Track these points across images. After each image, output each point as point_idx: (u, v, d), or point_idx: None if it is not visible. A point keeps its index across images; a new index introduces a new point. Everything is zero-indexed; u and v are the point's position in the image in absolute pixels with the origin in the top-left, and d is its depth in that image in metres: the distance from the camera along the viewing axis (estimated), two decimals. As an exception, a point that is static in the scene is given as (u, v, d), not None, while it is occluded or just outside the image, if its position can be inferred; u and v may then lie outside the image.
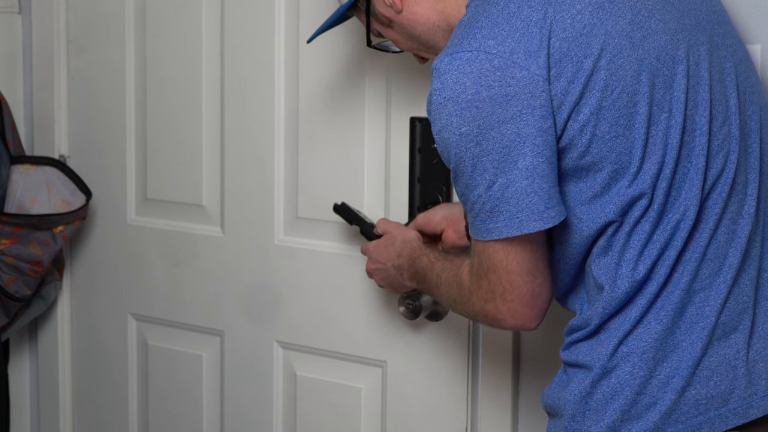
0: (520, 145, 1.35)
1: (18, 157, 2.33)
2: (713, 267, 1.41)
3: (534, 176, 1.36)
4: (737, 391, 1.41)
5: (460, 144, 1.37)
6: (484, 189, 1.38)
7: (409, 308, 1.94)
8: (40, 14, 2.43)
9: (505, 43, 1.35)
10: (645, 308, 1.40)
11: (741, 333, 1.42)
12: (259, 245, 2.19)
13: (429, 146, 1.95)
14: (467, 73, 1.35)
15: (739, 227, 1.43)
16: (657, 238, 1.40)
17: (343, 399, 2.11)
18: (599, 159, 1.38)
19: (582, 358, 1.44)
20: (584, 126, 1.37)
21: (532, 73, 1.35)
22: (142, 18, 2.31)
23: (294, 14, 2.10)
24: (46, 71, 2.43)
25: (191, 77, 2.24)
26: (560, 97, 1.36)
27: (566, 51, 1.36)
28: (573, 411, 1.44)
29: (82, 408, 2.50)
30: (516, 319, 1.45)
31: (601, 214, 1.40)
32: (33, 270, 2.28)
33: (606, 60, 1.36)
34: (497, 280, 1.44)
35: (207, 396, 2.30)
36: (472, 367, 1.97)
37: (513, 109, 1.35)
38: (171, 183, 2.30)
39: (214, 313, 2.27)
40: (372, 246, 1.83)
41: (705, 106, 1.41)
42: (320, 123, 2.09)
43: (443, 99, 1.37)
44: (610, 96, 1.36)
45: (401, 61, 1.97)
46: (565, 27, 1.36)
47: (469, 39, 1.37)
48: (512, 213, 1.37)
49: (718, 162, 1.41)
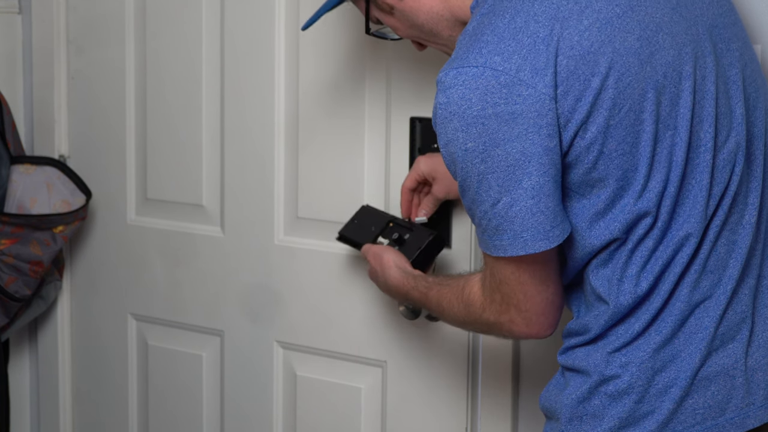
0: (525, 164, 1.34)
1: (18, 157, 2.33)
2: (713, 278, 1.41)
3: (540, 195, 1.35)
4: (734, 400, 1.41)
5: (466, 159, 1.36)
6: (489, 206, 1.37)
7: (409, 308, 1.94)
8: (40, 14, 2.42)
9: (511, 60, 1.33)
10: (648, 322, 1.40)
11: (739, 342, 1.41)
12: (259, 245, 2.19)
13: (429, 146, 1.95)
14: (473, 89, 1.34)
15: (740, 237, 1.43)
16: (660, 255, 1.39)
17: (343, 399, 2.11)
18: (605, 176, 1.37)
19: (579, 363, 1.44)
20: (591, 144, 1.35)
21: (538, 91, 1.33)
22: (142, 18, 2.31)
23: (294, 14, 2.10)
24: (46, 71, 2.43)
25: (191, 77, 2.24)
26: (567, 115, 1.34)
27: (573, 69, 1.34)
28: (570, 415, 1.44)
29: (82, 408, 2.50)
30: (531, 328, 1.46)
31: (605, 231, 1.39)
32: (33, 270, 2.28)
33: (614, 78, 1.35)
34: (511, 292, 1.44)
35: (207, 396, 2.30)
36: (472, 367, 1.97)
37: (519, 127, 1.33)
38: (171, 183, 2.30)
39: (214, 313, 2.27)
40: (369, 271, 1.85)
41: (710, 121, 1.40)
42: (320, 123, 2.09)
43: (449, 114, 1.36)
44: (618, 114, 1.35)
45: (401, 61, 1.97)
46: (572, 45, 1.34)
47: (474, 53, 1.35)
48: (516, 233, 1.37)
49: (722, 177, 1.41)
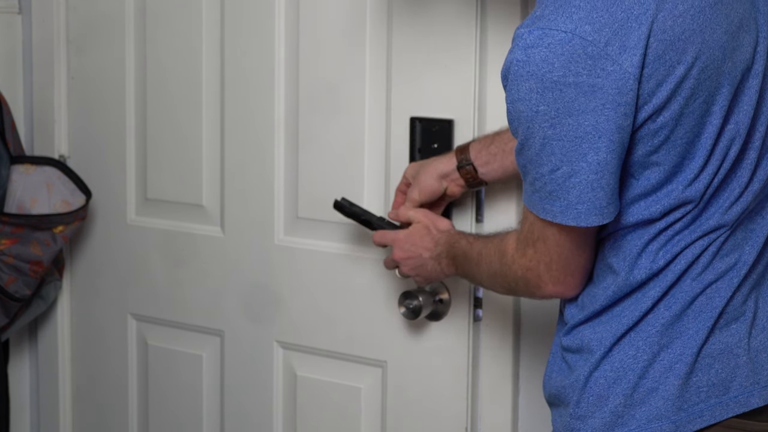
0: (595, 139, 1.33)
1: (18, 157, 2.33)
2: (729, 261, 1.42)
3: (604, 172, 1.34)
4: (738, 379, 1.41)
5: (534, 120, 1.34)
6: (548, 171, 1.36)
7: (409, 308, 1.94)
8: (40, 14, 2.42)
9: (602, 32, 1.31)
10: (657, 298, 1.41)
11: (742, 323, 1.43)
12: (259, 245, 2.19)
13: (429, 146, 1.95)
14: (558, 54, 1.31)
15: (758, 226, 1.44)
16: (684, 238, 1.40)
17: (343, 399, 2.11)
18: (663, 161, 1.37)
19: (585, 342, 1.45)
20: (661, 128, 1.35)
21: (623, 69, 1.31)
22: (142, 18, 2.31)
23: (294, 14, 2.10)
24: (46, 71, 2.43)
25: (191, 77, 2.24)
26: (645, 97, 1.33)
27: (662, 53, 1.32)
28: (578, 397, 1.44)
29: (82, 408, 2.50)
30: (557, 287, 1.46)
31: (645, 211, 1.39)
32: (33, 270, 2.28)
33: (698, 69, 1.34)
34: (545, 250, 1.43)
35: (207, 396, 2.30)
36: (472, 367, 1.97)
37: (597, 101, 1.32)
38: (171, 183, 2.30)
39: (214, 313, 2.27)
40: (403, 236, 1.81)
41: (764, 120, 1.41)
42: (320, 122, 2.09)
43: (526, 73, 1.33)
44: (692, 104, 1.35)
45: (401, 61, 1.97)
46: (665, 29, 1.32)
47: (564, 17, 1.32)
48: (571, 203, 1.36)
49: (761, 175, 1.42)
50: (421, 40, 1.95)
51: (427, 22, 1.94)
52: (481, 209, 1.94)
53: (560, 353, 1.50)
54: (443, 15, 1.92)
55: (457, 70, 1.91)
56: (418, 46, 1.95)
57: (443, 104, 1.94)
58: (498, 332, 1.95)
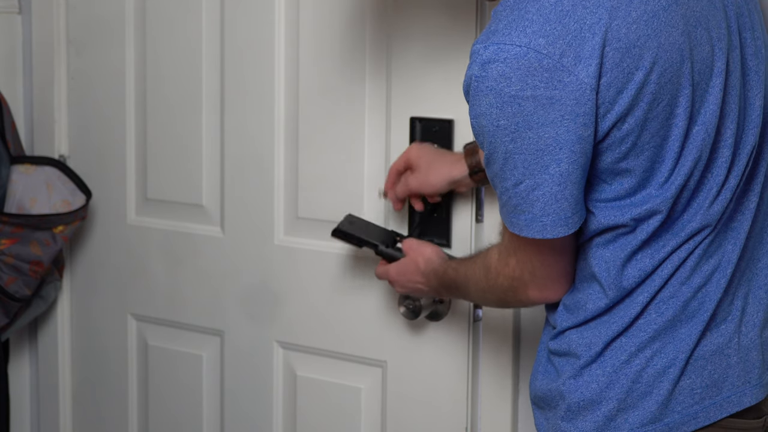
0: (555, 150, 1.33)
1: (18, 157, 2.33)
2: (713, 263, 1.42)
3: (567, 183, 1.35)
4: (730, 379, 1.42)
5: (495, 135, 1.35)
6: (512, 185, 1.37)
7: (409, 308, 1.94)
8: (40, 14, 2.42)
9: (556, 44, 1.31)
10: (646, 303, 1.41)
11: (731, 323, 1.43)
12: (259, 245, 2.19)
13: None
14: (514, 68, 1.31)
15: (739, 223, 1.44)
16: (667, 241, 1.40)
17: (343, 399, 2.11)
18: (633, 167, 1.37)
19: (572, 346, 1.45)
20: (627, 135, 1.35)
21: (580, 79, 1.31)
22: (142, 18, 2.31)
23: (294, 14, 2.10)
24: (46, 71, 2.43)
25: (191, 77, 2.24)
26: (607, 106, 1.33)
27: (619, 61, 1.32)
28: (569, 401, 1.44)
29: (82, 408, 2.50)
30: (543, 292, 1.48)
31: (618, 215, 1.39)
32: (33, 270, 2.28)
33: (657, 74, 1.34)
34: (527, 259, 1.45)
35: (207, 396, 2.30)
36: (472, 367, 1.97)
37: (555, 113, 1.32)
38: (171, 183, 2.30)
39: (214, 313, 2.27)
40: (393, 271, 1.85)
41: (733, 118, 1.40)
42: (320, 123, 2.09)
43: (485, 88, 1.34)
44: (656, 108, 1.35)
45: (401, 61, 1.97)
46: (620, 36, 1.32)
47: (518, 32, 1.32)
48: (536, 216, 1.37)
49: (738, 171, 1.42)
50: (420, 40, 1.95)
51: (426, 21, 1.94)
52: (481, 209, 1.94)
53: (546, 356, 1.51)
54: (443, 15, 1.92)
55: (457, 70, 1.91)
56: (417, 46, 1.95)
57: (443, 104, 1.94)
58: (498, 332, 1.95)
